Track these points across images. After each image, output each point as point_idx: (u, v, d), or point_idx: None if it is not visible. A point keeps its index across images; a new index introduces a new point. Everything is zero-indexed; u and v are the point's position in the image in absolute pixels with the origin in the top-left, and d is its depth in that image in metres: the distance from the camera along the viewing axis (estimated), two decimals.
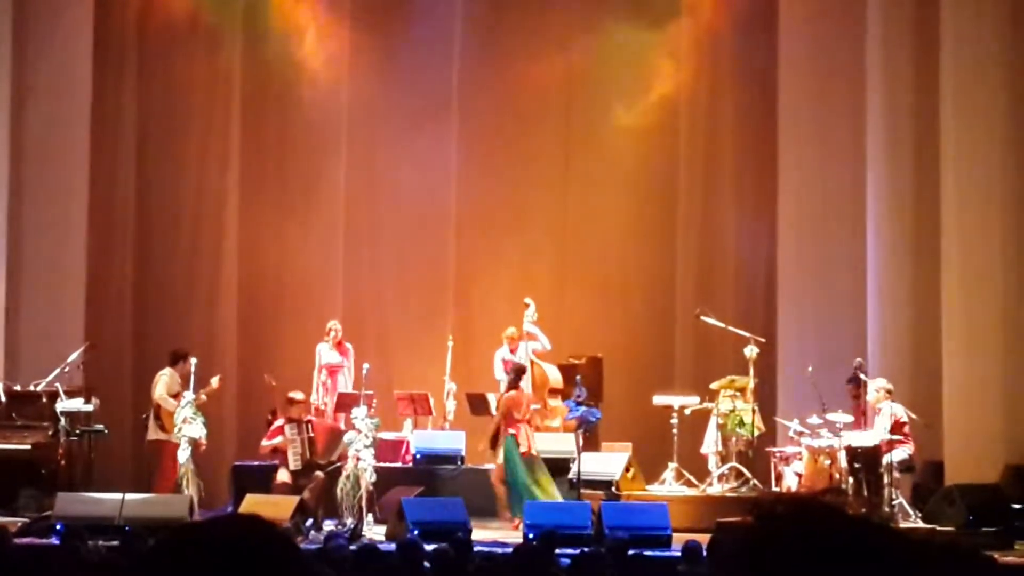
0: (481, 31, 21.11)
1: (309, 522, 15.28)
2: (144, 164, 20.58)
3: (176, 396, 17.08)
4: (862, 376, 16.76)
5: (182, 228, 20.70)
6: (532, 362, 18.45)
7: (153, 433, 17.45)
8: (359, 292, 20.95)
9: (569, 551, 12.34)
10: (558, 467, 17.11)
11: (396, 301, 20.99)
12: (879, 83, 18.03)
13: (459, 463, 17.78)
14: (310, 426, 16.78)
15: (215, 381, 17.23)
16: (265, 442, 16.77)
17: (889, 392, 16.53)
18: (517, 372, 17.09)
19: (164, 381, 17.49)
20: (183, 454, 16.17)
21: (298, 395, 16.99)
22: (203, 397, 16.74)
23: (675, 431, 17.96)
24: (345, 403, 17.74)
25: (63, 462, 16.96)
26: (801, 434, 16.71)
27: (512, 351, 18.67)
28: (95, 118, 19.58)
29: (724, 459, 17.62)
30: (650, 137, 20.97)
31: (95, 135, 19.59)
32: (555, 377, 18.51)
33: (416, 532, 14.20)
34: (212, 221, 20.66)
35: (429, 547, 10.78)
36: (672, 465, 17.83)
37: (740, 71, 20.57)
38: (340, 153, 20.90)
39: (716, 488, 17.37)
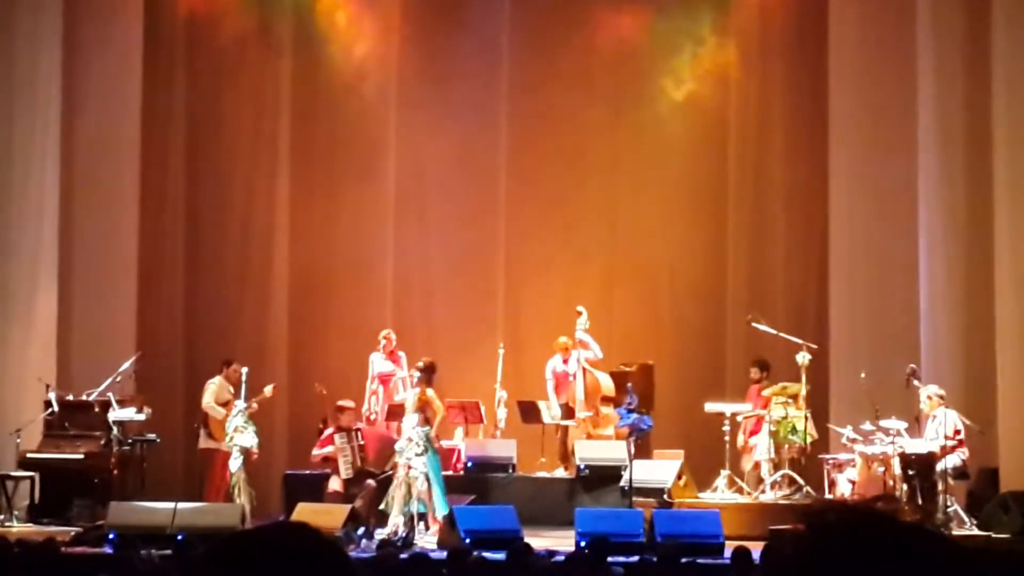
0: (530, 31, 21.06)
1: (361, 530, 15.28)
2: (194, 171, 20.69)
3: (226, 404, 17.14)
4: (915, 382, 16.67)
5: (231, 237, 20.78)
6: (584, 370, 18.42)
7: (203, 442, 17.56)
8: (409, 300, 20.97)
9: (621, 559, 12.34)
10: (610, 475, 17.10)
11: (446, 309, 21.00)
12: (930, 84, 17.93)
13: (511, 471, 17.77)
14: (360, 434, 16.81)
15: (268, 390, 17.26)
16: (316, 451, 16.82)
17: (942, 398, 16.43)
18: (431, 370, 16.65)
19: (212, 390, 17.59)
20: (235, 463, 16.22)
21: (348, 403, 17.02)
22: (254, 405, 16.77)
23: (727, 438, 17.89)
24: (396, 412, 17.75)
25: (116, 471, 17.03)
26: (854, 441, 16.62)
27: (564, 361, 18.65)
28: (145, 126, 19.70)
29: (777, 466, 17.55)
30: (700, 142, 20.92)
31: (145, 143, 19.71)
32: (607, 385, 18.46)
33: (468, 540, 14.21)
34: (262, 229, 20.73)
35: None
36: (724, 472, 17.77)
37: (789, 73, 20.49)
38: (389, 160, 20.91)
39: (769, 495, 17.29)
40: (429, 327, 20.91)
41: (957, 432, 16.30)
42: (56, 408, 17.40)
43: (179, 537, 13.63)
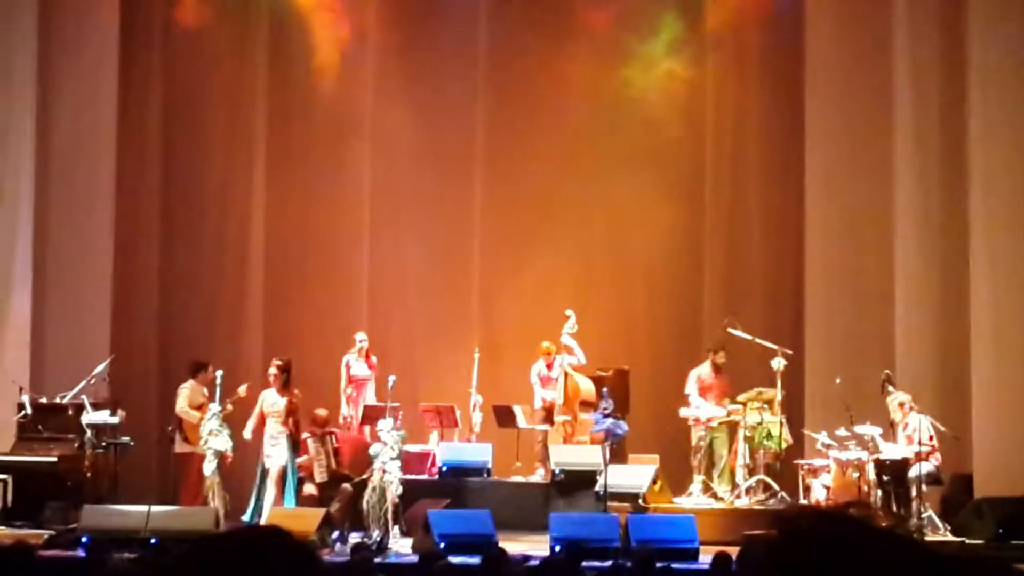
0: (507, 27, 21.05)
1: (335, 534, 15.26)
2: (169, 172, 20.62)
3: (200, 407, 17.08)
4: (890, 388, 16.70)
5: (206, 240, 20.72)
6: (567, 374, 18.42)
7: (179, 446, 17.49)
8: (385, 304, 20.94)
9: (596, 564, 12.32)
10: (585, 479, 17.09)
11: (421, 313, 20.98)
12: (907, 91, 17.99)
13: (486, 475, 17.75)
14: (334, 438, 16.79)
15: (243, 390, 17.16)
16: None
17: (912, 406, 16.45)
18: (288, 370, 16.75)
19: (185, 394, 17.53)
20: (209, 466, 16.17)
21: (321, 412, 16.97)
22: (229, 407, 16.69)
23: (702, 443, 17.90)
24: (371, 415, 17.73)
25: (89, 474, 16.96)
26: (829, 446, 16.65)
27: (548, 366, 18.62)
28: (120, 128, 19.62)
29: (752, 472, 17.55)
30: (677, 147, 20.91)
31: (120, 145, 19.64)
32: (587, 389, 18.43)
33: (442, 544, 14.19)
34: (237, 231, 20.70)
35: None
36: (699, 478, 17.78)
37: (765, 80, 20.53)
38: (364, 160, 20.90)
39: (744, 501, 17.31)
40: (405, 331, 20.90)
41: (931, 438, 16.34)
42: (29, 410, 17.33)
43: (153, 541, 13.61)
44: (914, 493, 16.02)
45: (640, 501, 16.74)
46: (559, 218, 20.97)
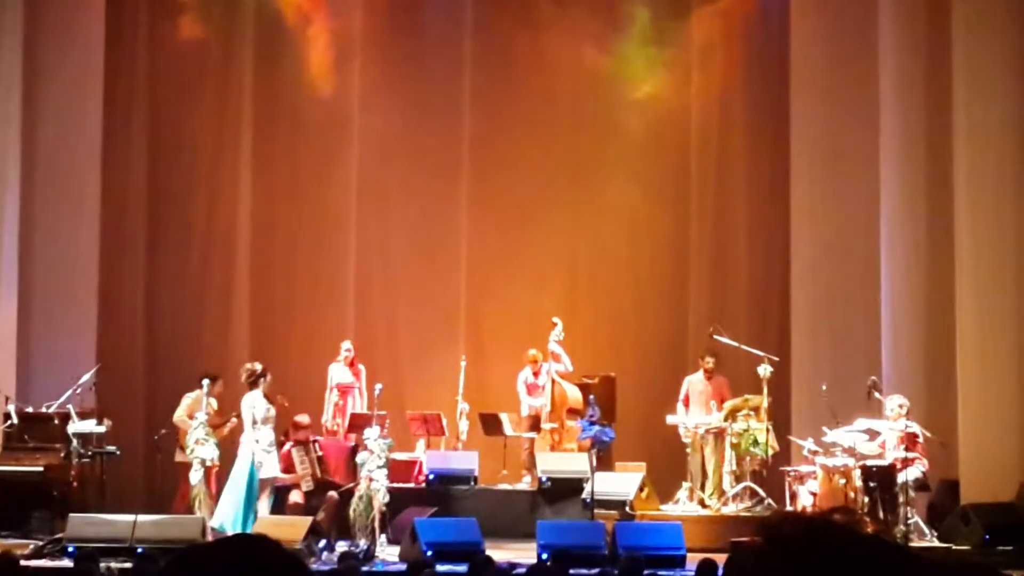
0: (493, 28, 21.05)
1: (322, 543, 15.22)
2: (155, 180, 20.60)
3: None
4: (876, 394, 16.72)
5: (193, 248, 20.71)
6: (553, 382, 18.43)
7: (177, 455, 17.42)
8: (371, 313, 20.93)
9: (584, 571, 12.34)
10: (572, 487, 17.10)
11: (408, 321, 20.96)
12: (892, 96, 18.02)
13: (472, 483, 17.75)
14: (317, 445, 16.76)
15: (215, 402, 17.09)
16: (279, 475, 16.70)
17: (907, 410, 16.47)
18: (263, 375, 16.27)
19: (185, 403, 17.46)
20: (195, 475, 16.11)
21: (303, 419, 16.94)
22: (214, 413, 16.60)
23: (688, 450, 17.92)
24: (357, 424, 17.72)
25: (75, 484, 16.92)
26: (815, 453, 16.66)
27: (535, 373, 18.62)
28: (106, 136, 19.60)
29: (738, 478, 17.57)
30: (662, 156, 20.95)
31: (106, 153, 19.61)
32: (575, 397, 18.45)
33: (429, 552, 14.18)
34: (223, 239, 20.67)
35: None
36: (686, 484, 17.79)
37: (750, 86, 20.59)
38: (351, 166, 20.88)
39: (730, 508, 17.32)
40: (391, 339, 20.88)
41: (917, 444, 16.35)
42: (15, 420, 17.29)
43: (139, 550, 13.58)
44: (901, 499, 16.04)
45: (627, 508, 16.75)
46: (545, 224, 20.98)
